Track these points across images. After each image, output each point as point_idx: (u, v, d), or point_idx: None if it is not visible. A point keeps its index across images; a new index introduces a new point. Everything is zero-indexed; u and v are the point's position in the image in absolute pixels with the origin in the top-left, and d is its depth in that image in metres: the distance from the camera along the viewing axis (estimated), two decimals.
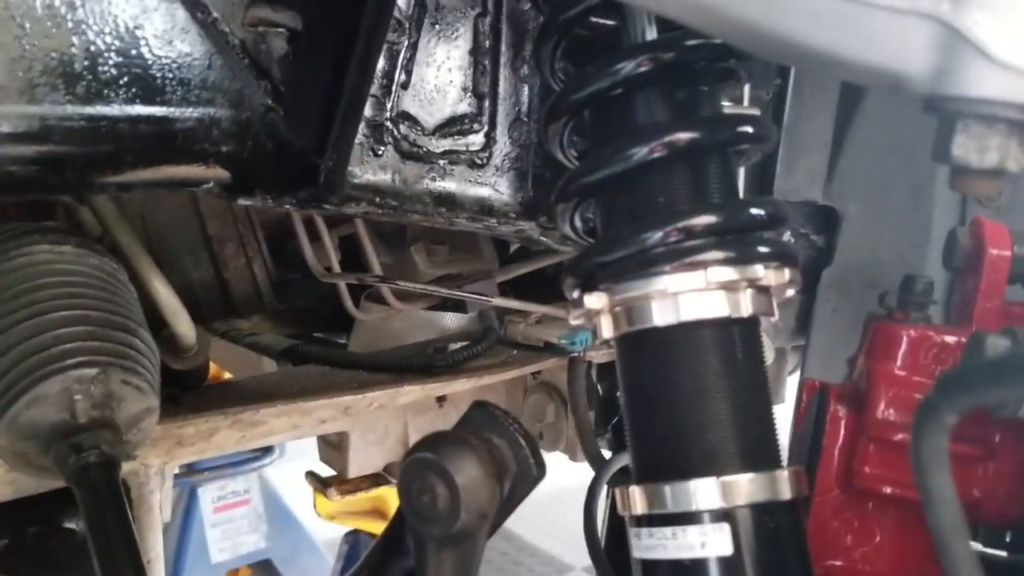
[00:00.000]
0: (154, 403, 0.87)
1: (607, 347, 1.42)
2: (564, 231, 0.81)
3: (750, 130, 0.70)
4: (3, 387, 0.81)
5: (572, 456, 1.53)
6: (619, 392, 0.72)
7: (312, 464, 1.65)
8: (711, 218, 0.67)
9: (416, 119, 0.92)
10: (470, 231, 1.20)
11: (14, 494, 1.00)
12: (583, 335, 1.36)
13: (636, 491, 0.68)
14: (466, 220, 0.94)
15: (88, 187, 0.83)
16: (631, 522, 0.69)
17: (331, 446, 1.53)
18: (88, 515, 0.78)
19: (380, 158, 0.90)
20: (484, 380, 1.32)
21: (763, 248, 0.67)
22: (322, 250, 1.26)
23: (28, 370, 0.81)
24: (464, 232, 1.57)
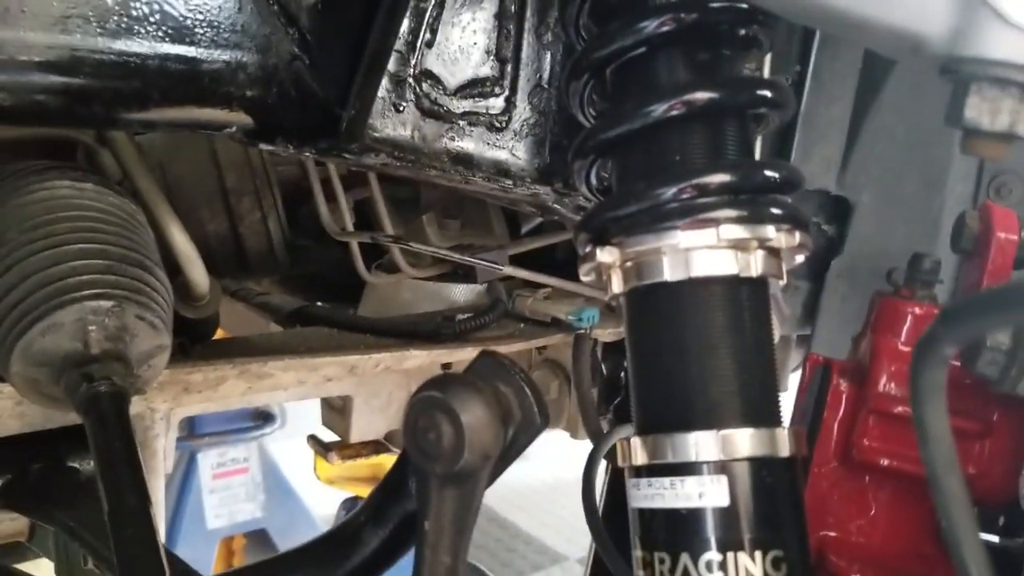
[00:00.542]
0: (166, 341, 0.89)
1: (614, 327, 1.43)
2: (580, 190, 0.82)
3: (769, 94, 0.71)
4: (19, 314, 0.82)
5: (573, 433, 1.54)
6: (625, 347, 0.73)
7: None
8: (725, 176, 0.68)
9: (439, 78, 0.93)
10: (483, 199, 1.22)
11: (21, 428, 1.01)
12: (590, 312, 1.36)
13: (637, 442, 0.69)
14: (482, 180, 0.95)
15: (113, 122, 0.84)
16: (630, 473, 0.70)
17: (334, 410, 1.54)
18: (96, 443, 0.79)
19: (401, 114, 0.91)
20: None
21: (775, 209, 0.68)
22: (337, 211, 1.27)
23: (44, 298, 0.82)
24: (476, 207, 1.59)
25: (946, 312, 0.41)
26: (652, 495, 0.68)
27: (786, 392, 1.46)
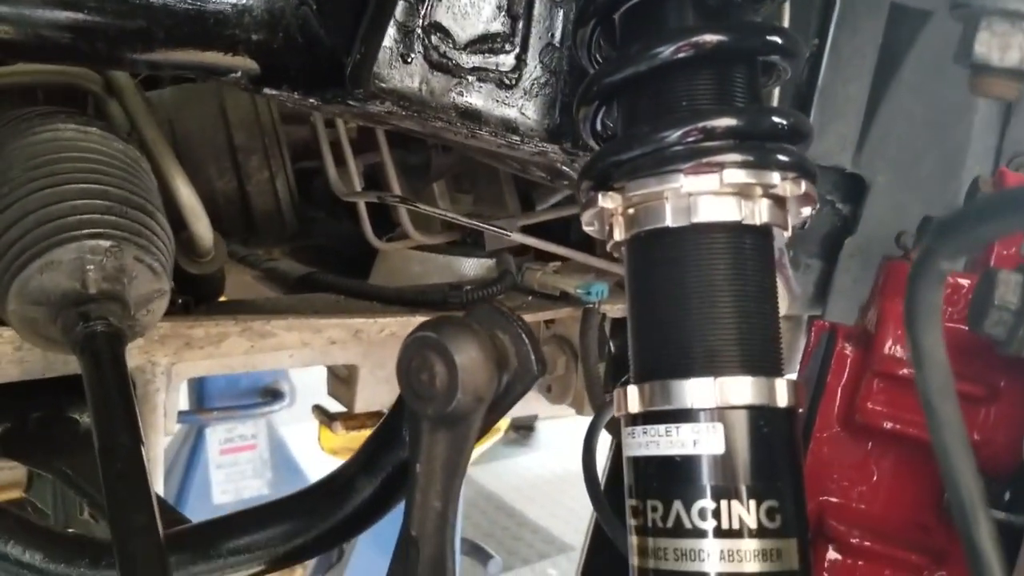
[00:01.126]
0: (165, 286, 0.88)
1: (623, 303, 1.42)
2: (585, 139, 0.81)
3: (780, 41, 0.69)
4: (17, 251, 0.82)
5: (579, 410, 1.53)
6: (626, 294, 0.72)
7: None
8: (731, 121, 0.66)
9: (448, 31, 0.92)
10: (491, 163, 1.21)
11: (21, 375, 1.01)
12: (599, 286, 1.35)
13: (633, 389, 0.68)
14: (488, 134, 0.94)
15: (117, 61, 0.83)
16: (625, 421, 0.69)
17: (340, 380, 1.54)
18: (89, 381, 0.78)
19: (409, 65, 0.90)
20: None
21: (781, 156, 0.67)
22: (346, 174, 1.26)
23: (43, 236, 0.82)
24: (489, 181, 1.58)
25: (940, 224, 0.39)
26: (647, 443, 0.66)
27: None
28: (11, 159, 0.88)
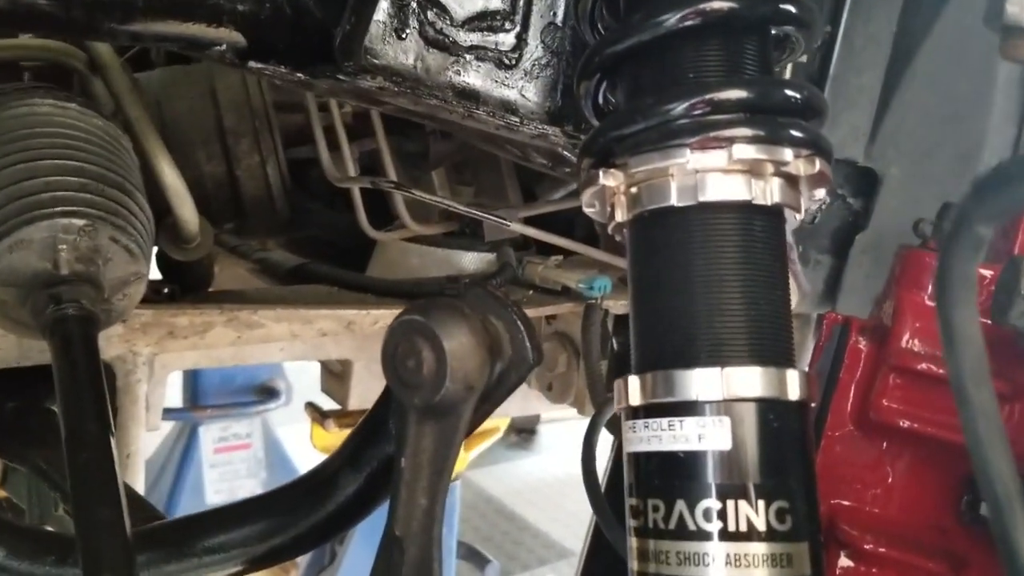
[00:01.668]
0: (143, 269, 0.84)
1: (626, 298, 1.37)
2: (586, 116, 0.77)
3: (792, 9, 0.65)
4: None
5: (581, 409, 1.49)
6: (627, 280, 0.68)
7: None
8: (741, 93, 0.62)
9: (445, 7, 0.88)
10: (491, 149, 1.16)
11: None
12: (602, 281, 1.31)
13: (634, 380, 0.63)
14: (486, 114, 0.89)
15: (95, 30, 0.79)
16: (626, 415, 0.64)
17: (334, 376, 1.50)
18: (58, 365, 0.74)
19: (403, 41, 0.86)
20: None
21: (795, 132, 0.62)
22: (340, 160, 1.22)
23: (13, 213, 0.78)
24: (490, 173, 1.54)
25: (978, 184, 0.35)
26: (648, 437, 0.62)
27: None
28: None
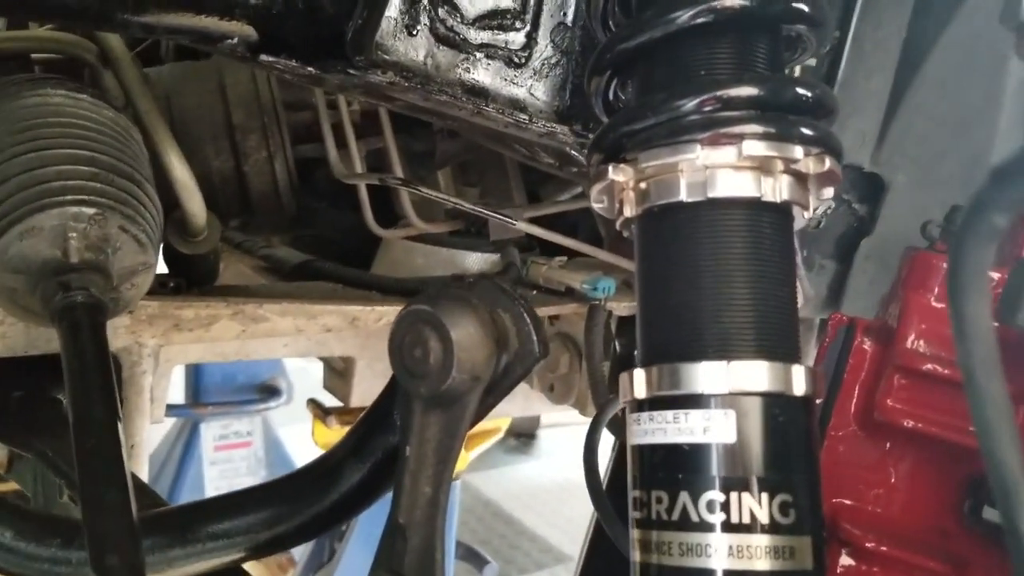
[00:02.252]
0: (151, 259, 0.84)
1: (629, 300, 1.37)
2: (597, 114, 0.77)
3: (805, 8, 0.65)
4: None
5: (582, 410, 1.49)
6: (635, 274, 0.68)
7: None
8: (752, 90, 0.62)
9: (456, 4, 0.88)
10: (498, 147, 1.17)
11: (3, 351, 0.97)
12: (606, 282, 1.31)
13: (639, 373, 0.63)
14: (495, 111, 0.90)
15: (108, 20, 0.80)
16: (631, 408, 0.65)
17: (336, 373, 1.50)
18: (66, 353, 0.75)
19: (414, 37, 0.86)
20: None
21: (805, 130, 0.63)
22: (347, 158, 1.23)
23: (24, 200, 0.78)
24: (495, 175, 1.54)
25: (996, 171, 0.35)
26: (653, 430, 0.62)
27: None
28: None
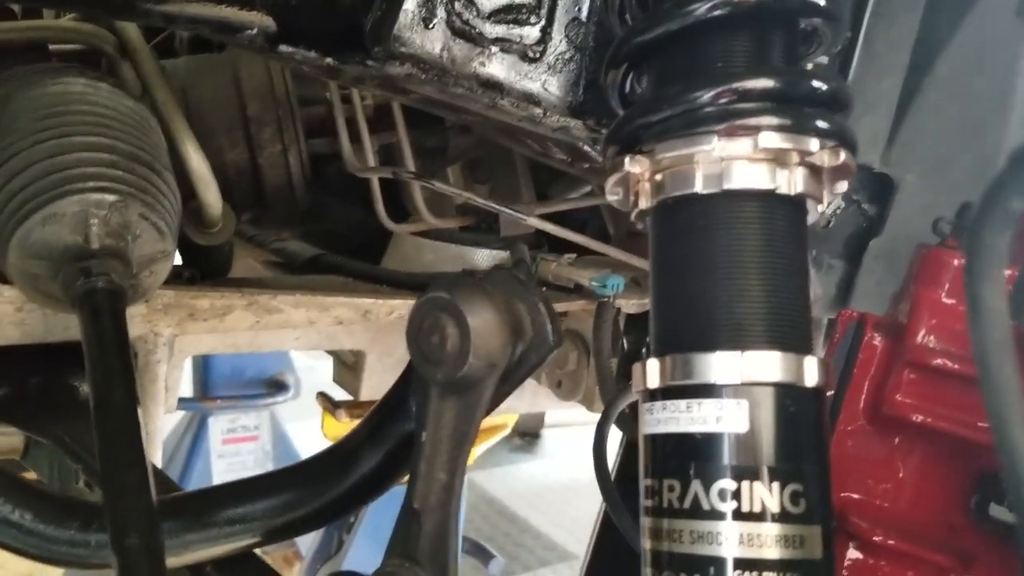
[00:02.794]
0: (170, 247, 0.85)
1: (638, 298, 1.38)
2: (613, 107, 0.78)
3: (822, 2, 0.66)
4: (20, 202, 0.79)
5: (589, 407, 1.49)
6: (649, 265, 0.69)
7: None
8: (768, 82, 0.63)
9: None
10: (511, 144, 1.18)
11: (21, 338, 0.98)
12: (615, 280, 1.32)
13: (653, 363, 0.64)
14: (510, 105, 0.91)
15: (130, 10, 0.80)
16: (644, 398, 0.65)
17: (346, 366, 1.51)
18: (87, 338, 0.75)
19: (430, 30, 0.87)
20: None
21: (821, 123, 0.64)
22: (360, 152, 1.24)
23: (46, 187, 0.79)
24: (505, 172, 1.55)
25: (1014, 157, 0.36)
26: (666, 419, 0.63)
27: None
28: (19, 110, 0.85)
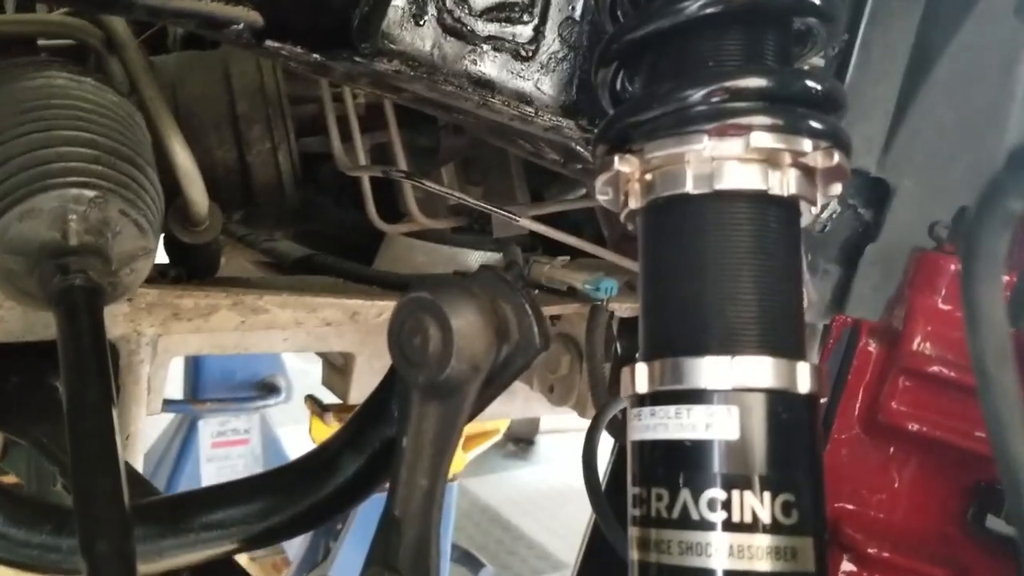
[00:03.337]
0: (151, 245, 0.84)
1: (632, 302, 1.36)
2: (603, 105, 0.76)
3: (816, 1, 0.65)
4: None
5: (582, 412, 1.48)
6: (638, 267, 0.67)
7: None
8: (761, 81, 0.61)
9: None
10: (502, 143, 1.16)
11: (1, 337, 0.96)
12: (609, 283, 1.30)
13: (642, 367, 0.62)
14: (501, 103, 0.89)
15: (115, 4, 0.79)
16: (632, 403, 0.64)
17: (335, 369, 1.49)
18: (62, 336, 0.74)
19: (421, 28, 0.86)
20: None
21: (814, 123, 0.62)
22: (351, 151, 1.22)
23: (25, 182, 0.77)
24: (499, 174, 1.54)
25: (1013, 156, 0.34)
26: (654, 425, 0.61)
27: None
28: None
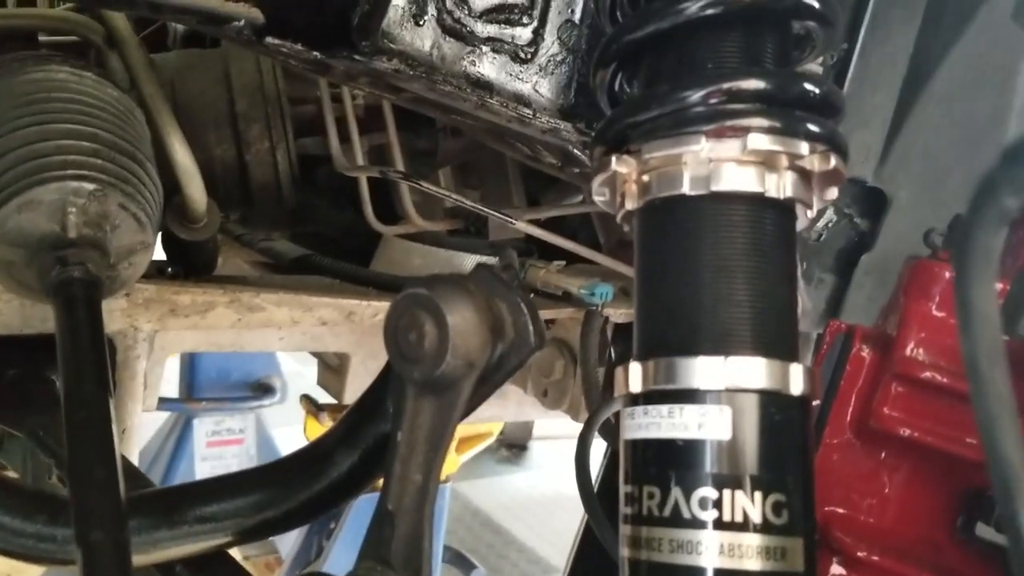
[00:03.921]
0: (150, 238, 0.84)
1: (627, 307, 1.37)
2: (602, 107, 0.77)
3: (816, 4, 0.65)
4: None
5: (575, 416, 1.48)
6: (634, 267, 0.67)
7: None
8: (759, 83, 0.62)
9: None
10: (501, 147, 1.17)
11: None
12: (604, 288, 1.31)
13: (635, 366, 0.63)
14: (499, 105, 0.90)
15: None
16: (625, 402, 0.64)
17: (331, 369, 1.49)
18: (60, 328, 0.74)
19: (420, 28, 0.86)
20: None
21: (811, 126, 0.63)
22: (349, 152, 1.22)
23: (24, 174, 0.78)
24: (496, 179, 1.54)
25: (1007, 151, 0.35)
26: (647, 424, 0.62)
27: None
28: (0, 97, 0.84)
